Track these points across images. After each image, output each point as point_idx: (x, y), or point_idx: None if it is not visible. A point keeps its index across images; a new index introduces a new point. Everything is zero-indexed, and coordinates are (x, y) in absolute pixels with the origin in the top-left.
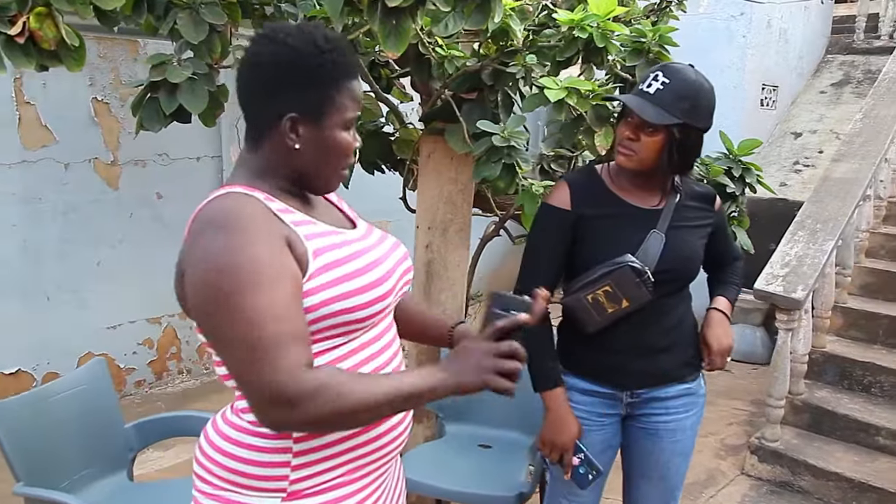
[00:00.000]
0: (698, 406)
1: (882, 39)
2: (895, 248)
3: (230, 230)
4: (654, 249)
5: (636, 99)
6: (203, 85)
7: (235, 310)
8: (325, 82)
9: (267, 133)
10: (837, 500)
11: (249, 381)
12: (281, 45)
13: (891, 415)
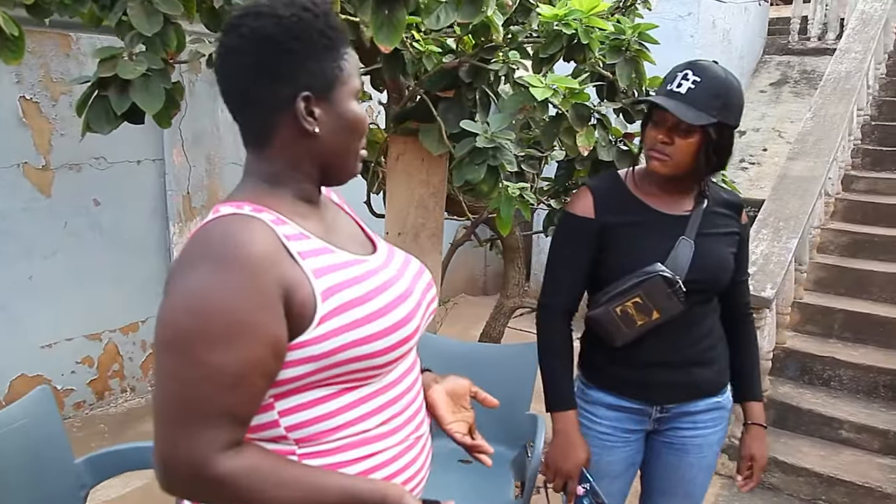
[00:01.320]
0: (725, 420)
1: (812, 41)
2: (844, 244)
3: (216, 267)
4: (684, 258)
5: (669, 100)
6: (158, 82)
7: (185, 361)
8: (329, 50)
9: (276, 124)
10: (807, 495)
11: (163, 435)
12: (271, 16)
13: (852, 408)
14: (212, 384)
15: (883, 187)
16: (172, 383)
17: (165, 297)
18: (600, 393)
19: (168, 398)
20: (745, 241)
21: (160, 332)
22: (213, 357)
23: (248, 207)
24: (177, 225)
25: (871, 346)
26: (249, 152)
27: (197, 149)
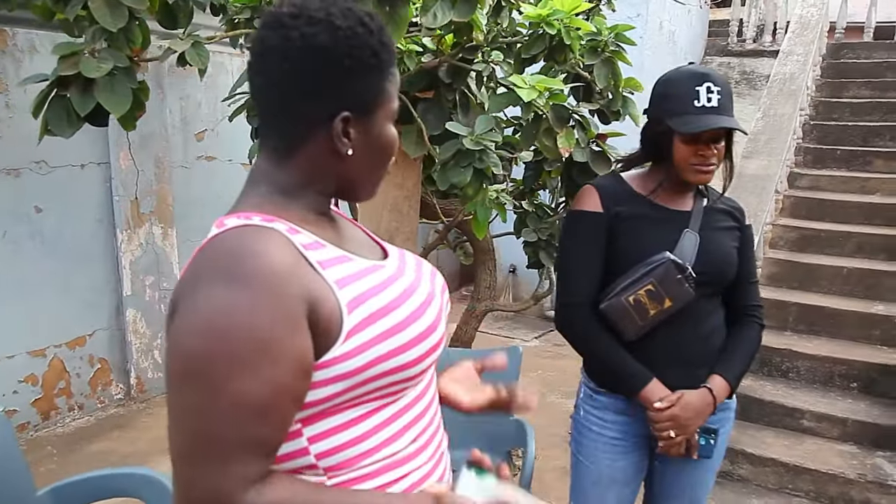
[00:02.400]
0: (730, 421)
1: (749, 43)
2: (793, 239)
3: (234, 283)
4: (690, 249)
5: (714, 117)
6: (124, 81)
7: (207, 390)
8: (377, 70)
9: (307, 139)
10: (774, 484)
11: (183, 475)
12: (326, 25)
13: (810, 398)
14: (238, 413)
15: (825, 184)
16: (192, 416)
17: (177, 322)
18: (609, 397)
19: (187, 433)
20: (748, 243)
21: (175, 362)
22: (238, 384)
23: (256, 218)
24: (124, 232)
25: (824, 337)
26: (265, 158)
27: (144, 152)
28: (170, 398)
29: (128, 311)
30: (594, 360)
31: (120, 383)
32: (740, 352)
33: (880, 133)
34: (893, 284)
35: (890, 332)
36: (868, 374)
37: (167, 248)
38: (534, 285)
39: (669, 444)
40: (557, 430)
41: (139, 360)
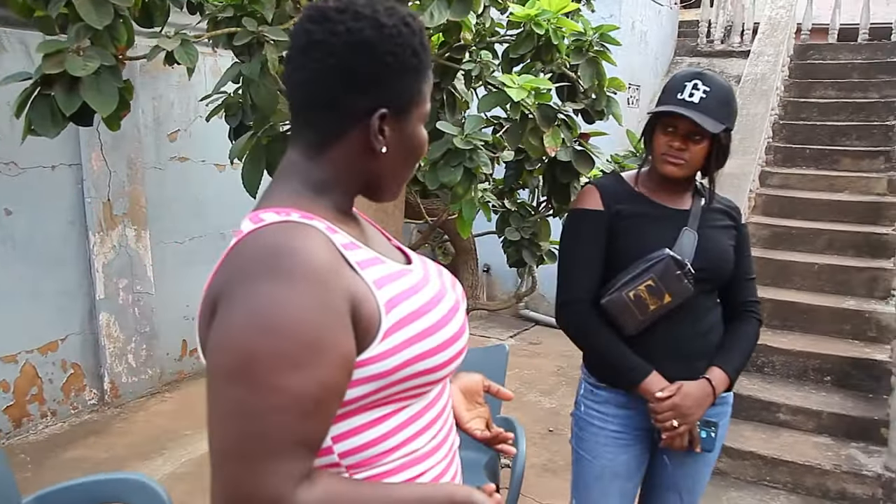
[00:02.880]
0: (728, 415)
1: (718, 44)
2: (766, 236)
3: (281, 280)
4: (689, 246)
5: (689, 110)
6: (110, 80)
7: (255, 388)
8: (416, 70)
9: (343, 134)
10: (753, 477)
11: (227, 477)
12: (372, 21)
13: (786, 391)
14: (287, 412)
15: (795, 182)
16: (239, 414)
17: (222, 319)
18: (610, 392)
19: (234, 430)
20: (745, 241)
21: (221, 359)
22: (287, 380)
23: (295, 214)
24: (97, 234)
25: (797, 332)
26: (298, 153)
27: (116, 153)
28: (213, 395)
29: (101, 314)
30: (595, 355)
31: (94, 388)
32: (739, 346)
33: (847, 132)
34: (863, 280)
35: (861, 327)
36: (841, 367)
37: (141, 251)
38: (507, 285)
39: (672, 437)
40: (536, 427)
41: (113, 365)
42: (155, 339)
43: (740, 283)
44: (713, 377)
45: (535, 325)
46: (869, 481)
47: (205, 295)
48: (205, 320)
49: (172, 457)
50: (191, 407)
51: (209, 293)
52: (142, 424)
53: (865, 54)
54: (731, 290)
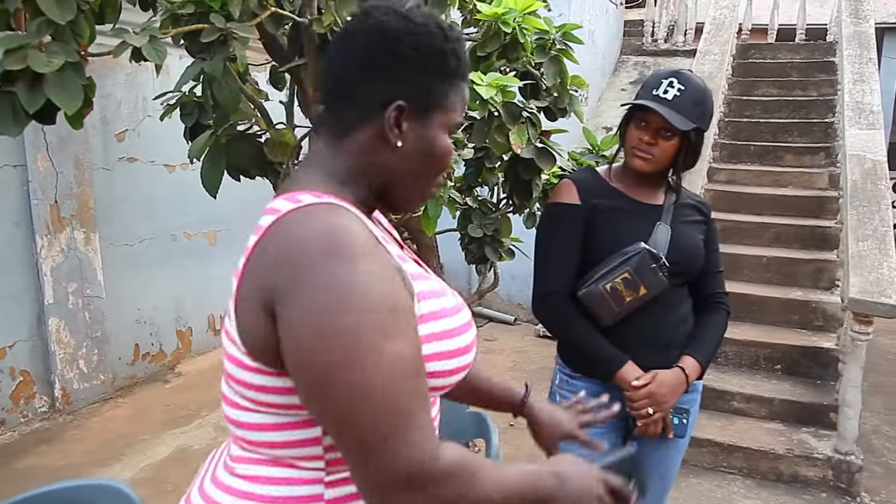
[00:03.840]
0: (698, 402)
1: (662, 43)
2: None
3: (347, 257)
4: (663, 240)
5: (660, 106)
6: (74, 77)
7: (366, 363)
8: (444, 72)
9: (361, 123)
10: (710, 463)
11: (374, 457)
12: (400, 16)
13: (739, 380)
14: (406, 377)
15: (740, 178)
16: (367, 399)
17: (307, 313)
18: (585, 382)
19: (368, 412)
20: (713, 235)
21: (324, 352)
22: (396, 349)
23: (327, 198)
24: (44, 237)
25: (748, 323)
26: (323, 140)
27: (63, 153)
28: (330, 388)
29: (50, 319)
30: (572, 346)
31: (44, 396)
32: (709, 335)
33: (789, 129)
34: (808, 271)
35: (808, 317)
36: (790, 356)
37: (90, 254)
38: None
39: (647, 424)
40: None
41: (64, 371)
42: (106, 343)
43: (709, 276)
44: (686, 366)
45: (488, 321)
46: (819, 464)
47: (247, 286)
48: (253, 314)
49: (131, 462)
50: (146, 411)
51: (260, 284)
52: (96, 431)
53: (803, 54)
54: (700, 283)
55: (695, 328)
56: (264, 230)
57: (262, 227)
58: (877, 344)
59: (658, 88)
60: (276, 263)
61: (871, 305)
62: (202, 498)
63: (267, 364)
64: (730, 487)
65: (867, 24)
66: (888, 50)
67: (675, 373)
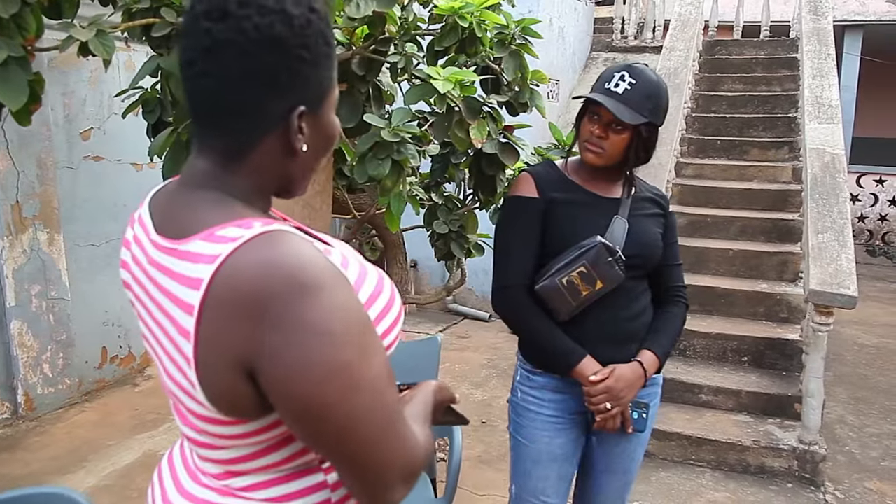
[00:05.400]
0: (658, 396)
1: (631, 40)
2: (683, 225)
3: (315, 290)
4: (619, 234)
5: (609, 99)
6: (20, 72)
7: (362, 388)
8: (328, 58)
9: (260, 138)
10: (679, 457)
11: (380, 463)
12: (280, 14)
13: (707, 373)
14: (386, 385)
15: (708, 172)
16: (364, 411)
17: (297, 354)
18: (545, 377)
19: (367, 426)
20: (672, 229)
21: (327, 384)
22: (379, 364)
23: (258, 223)
24: (6, 238)
25: (716, 315)
26: (210, 161)
27: (24, 152)
28: (334, 412)
29: (12, 323)
30: (530, 340)
31: (6, 402)
32: (667, 329)
33: (754, 124)
34: (773, 264)
35: (773, 308)
36: (756, 347)
37: (54, 255)
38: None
39: (605, 418)
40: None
41: (27, 376)
42: (72, 346)
43: (668, 270)
44: (644, 360)
45: (463, 318)
46: (785, 454)
47: (212, 352)
48: (227, 369)
49: (95, 469)
50: (112, 416)
51: (226, 341)
52: (61, 437)
53: (767, 50)
54: (659, 276)
55: (653, 321)
56: (206, 286)
57: (198, 279)
58: (842, 335)
59: (610, 82)
60: (243, 315)
61: (830, 297)
62: None
63: (242, 416)
64: (698, 480)
65: (826, 20)
66: (849, 47)
67: (633, 367)
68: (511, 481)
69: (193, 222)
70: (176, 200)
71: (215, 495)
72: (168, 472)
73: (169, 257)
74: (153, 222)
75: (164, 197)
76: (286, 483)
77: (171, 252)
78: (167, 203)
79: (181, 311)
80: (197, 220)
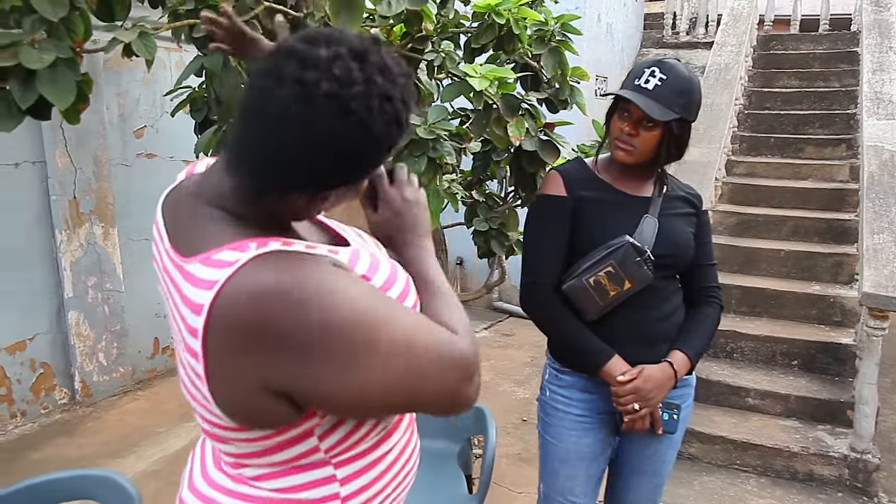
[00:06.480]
0: (691, 397)
1: (683, 36)
2: (732, 224)
3: (316, 296)
4: (649, 233)
5: (639, 96)
6: (68, 73)
7: (393, 351)
8: (392, 138)
9: (289, 195)
10: (723, 461)
11: (441, 374)
12: (359, 125)
13: (754, 376)
14: (414, 320)
15: (760, 170)
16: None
17: (322, 354)
18: (574, 377)
19: (420, 380)
20: (705, 228)
21: (366, 368)
22: (399, 324)
23: (253, 245)
24: (64, 232)
25: (765, 318)
26: (234, 186)
27: (81, 149)
28: (375, 381)
29: (70, 313)
30: (558, 339)
31: (64, 388)
32: (699, 329)
33: (810, 121)
34: (827, 265)
35: (826, 311)
36: (807, 351)
37: (109, 248)
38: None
39: (634, 419)
40: (510, 417)
41: (83, 364)
42: (126, 337)
43: (701, 269)
44: (674, 360)
45: (509, 316)
46: (836, 462)
47: (219, 364)
48: (249, 393)
49: (145, 454)
50: (162, 404)
51: (244, 369)
52: (114, 423)
53: (826, 44)
54: (692, 276)
55: (685, 322)
56: (207, 312)
57: (199, 304)
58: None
59: (640, 78)
60: (258, 347)
61: (885, 300)
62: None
63: (265, 427)
64: (743, 486)
65: (888, 12)
66: None
67: (662, 368)
68: (540, 480)
69: (196, 240)
70: (187, 210)
71: (229, 481)
72: (199, 455)
73: (178, 272)
74: (167, 230)
75: (175, 203)
76: (295, 475)
77: (179, 269)
78: (179, 212)
79: (188, 332)
80: (199, 239)
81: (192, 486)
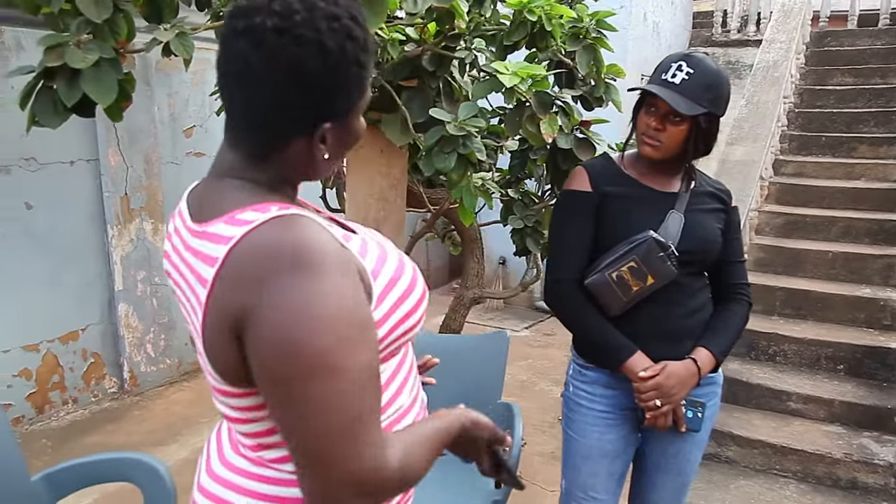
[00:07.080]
0: (717, 395)
1: (733, 33)
2: (778, 224)
3: (314, 274)
4: (674, 229)
5: (665, 90)
6: (110, 72)
7: (334, 375)
8: (362, 77)
9: (287, 145)
10: (762, 465)
11: (332, 461)
12: (315, 47)
13: (797, 380)
14: (365, 388)
15: (809, 170)
16: (330, 407)
17: (275, 328)
18: (597, 372)
19: (331, 423)
20: (734, 224)
21: (295, 362)
22: (358, 361)
23: (275, 208)
24: (115, 227)
25: (810, 321)
26: (239, 156)
27: (133, 148)
28: (296, 397)
29: (120, 305)
30: (581, 334)
31: (113, 377)
32: (726, 327)
33: (865, 119)
34: (878, 267)
35: (875, 315)
36: (854, 355)
37: (158, 244)
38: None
39: (656, 416)
40: (545, 416)
41: (132, 354)
42: (173, 329)
43: (729, 266)
44: (698, 357)
45: (550, 315)
46: (881, 470)
47: (213, 316)
48: (222, 335)
49: (187, 443)
50: (207, 396)
51: (225, 307)
52: (159, 412)
53: (885, 40)
54: (720, 273)
55: (711, 319)
56: (220, 262)
57: (215, 257)
58: None
59: (667, 73)
60: (242, 285)
61: None
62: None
63: (239, 384)
64: (782, 491)
65: None
66: None
67: (685, 364)
68: (562, 476)
69: (220, 206)
70: (208, 189)
71: (249, 464)
72: (216, 441)
73: (199, 240)
74: (189, 213)
75: (199, 188)
76: None
77: (201, 235)
78: (201, 193)
79: (200, 286)
80: (222, 205)
81: (210, 471)
